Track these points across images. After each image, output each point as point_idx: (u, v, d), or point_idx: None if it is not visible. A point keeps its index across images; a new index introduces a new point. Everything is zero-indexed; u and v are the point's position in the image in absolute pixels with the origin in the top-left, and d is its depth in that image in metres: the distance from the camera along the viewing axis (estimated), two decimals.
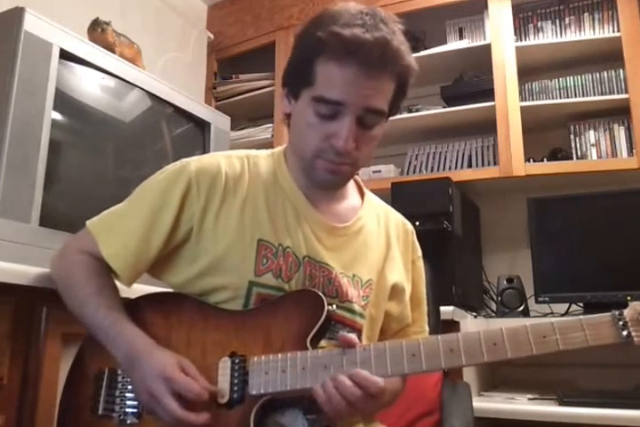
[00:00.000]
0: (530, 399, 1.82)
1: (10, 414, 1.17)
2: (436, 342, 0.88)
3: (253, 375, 0.92)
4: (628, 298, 2.04)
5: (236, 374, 0.93)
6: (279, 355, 0.92)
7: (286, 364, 0.91)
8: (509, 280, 2.26)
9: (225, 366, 0.94)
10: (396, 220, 1.22)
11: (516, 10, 2.50)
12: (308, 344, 0.93)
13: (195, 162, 1.07)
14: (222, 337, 0.98)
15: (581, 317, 0.85)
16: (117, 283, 1.08)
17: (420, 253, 1.23)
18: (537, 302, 2.16)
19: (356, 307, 1.06)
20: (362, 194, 1.20)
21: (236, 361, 0.94)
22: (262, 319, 0.98)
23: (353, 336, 0.92)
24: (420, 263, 1.23)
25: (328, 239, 1.08)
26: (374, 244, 1.14)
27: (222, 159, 1.09)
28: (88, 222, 1.08)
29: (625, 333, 0.82)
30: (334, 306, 1.01)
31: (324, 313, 0.95)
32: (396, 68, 0.98)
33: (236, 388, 0.92)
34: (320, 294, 0.97)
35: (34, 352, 1.22)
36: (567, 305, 2.20)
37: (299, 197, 1.08)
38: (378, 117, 1.00)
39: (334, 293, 1.04)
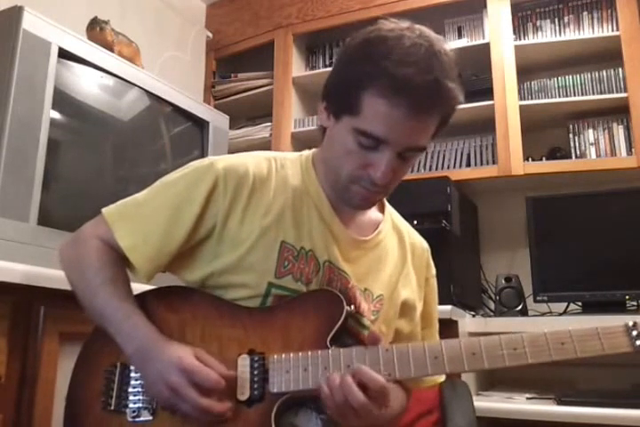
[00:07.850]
0: (528, 399, 1.82)
1: (8, 412, 1.17)
2: (457, 346, 0.89)
3: (274, 373, 0.92)
4: (627, 297, 2.04)
5: (255, 372, 0.93)
6: (300, 353, 0.92)
7: (307, 362, 0.91)
8: (508, 279, 2.25)
9: (244, 364, 0.94)
10: (413, 236, 1.22)
11: (515, 9, 2.50)
12: (329, 344, 0.93)
13: (222, 161, 1.05)
14: (240, 334, 0.97)
15: (597, 326, 0.87)
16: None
17: (434, 271, 1.23)
18: (535, 301, 2.16)
19: (366, 321, 1.06)
20: (382, 206, 1.18)
21: (255, 359, 0.94)
22: (280, 318, 0.98)
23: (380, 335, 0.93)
24: (434, 282, 1.22)
25: (347, 250, 1.07)
26: (390, 259, 1.13)
27: (250, 160, 1.07)
28: (104, 210, 1.05)
29: (638, 342, 0.85)
30: (352, 307, 1.01)
31: (344, 313, 0.95)
32: (445, 108, 0.97)
33: (256, 385, 0.92)
34: (338, 293, 0.98)
35: (31, 351, 1.22)
36: (565, 304, 2.20)
37: (325, 205, 1.07)
38: (418, 153, 1.01)
39: (349, 301, 1.02)
